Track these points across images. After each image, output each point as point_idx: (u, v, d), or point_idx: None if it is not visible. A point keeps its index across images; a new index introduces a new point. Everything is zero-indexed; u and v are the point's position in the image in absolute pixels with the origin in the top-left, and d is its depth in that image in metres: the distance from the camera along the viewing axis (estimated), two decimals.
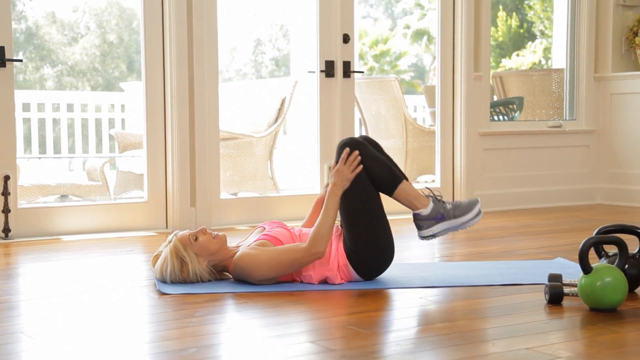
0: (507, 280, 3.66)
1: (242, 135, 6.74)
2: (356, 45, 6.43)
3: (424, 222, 3.71)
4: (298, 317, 3.09)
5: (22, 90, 11.15)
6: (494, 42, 23.38)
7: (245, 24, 21.98)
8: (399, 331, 2.87)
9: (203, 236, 3.57)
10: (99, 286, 3.64)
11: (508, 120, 7.53)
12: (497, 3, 23.12)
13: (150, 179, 5.47)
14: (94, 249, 4.74)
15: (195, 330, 2.86)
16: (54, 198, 7.16)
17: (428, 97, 8.69)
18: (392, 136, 7.64)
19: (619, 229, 3.52)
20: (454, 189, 6.55)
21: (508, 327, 2.89)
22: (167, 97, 5.43)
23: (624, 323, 2.93)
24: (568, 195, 7.03)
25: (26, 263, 4.33)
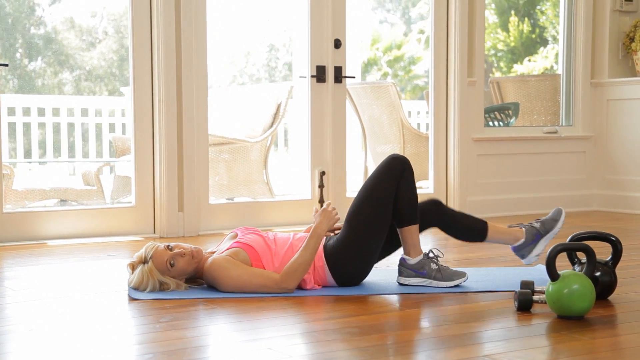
0: (481, 287, 3.64)
1: (237, 140, 6.74)
2: (370, 51, 6.42)
3: (525, 249, 3.78)
4: (263, 323, 3.08)
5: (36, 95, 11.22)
6: (506, 47, 23.33)
7: (259, 29, 22.02)
8: (360, 338, 2.85)
9: (181, 260, 3.52)
10: (71, 291, 3.64)
11: (504, 126, 7.50)
12: (509, 8, 23.05)
13: (138, 183, 5.48)
14: (77, 254, 4.75)
15: (156, 336, 2.86)
16: (53, 202, 7.18)
17: (429, 102, 8.66)
18: (389, 141, 7.62)
19: (593, 236, 3.50)
20: (447, 194, 6.53)
21: (470, 334, 2.88)
22: (155, 102, 5.43)
23: (588, 331, 2.91)
24: (564, 201, 6.99)
25: (5, 268, 4.34)
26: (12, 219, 5.17)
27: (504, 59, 13.40)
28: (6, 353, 2.63)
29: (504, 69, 13.20)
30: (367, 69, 17.57)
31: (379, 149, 7.75)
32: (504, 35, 13.20)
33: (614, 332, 2.95)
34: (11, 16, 12.37)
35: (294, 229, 5.57)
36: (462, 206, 6.47)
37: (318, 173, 6.00)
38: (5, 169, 6.64)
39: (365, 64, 17.40)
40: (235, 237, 3.74)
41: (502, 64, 13.61)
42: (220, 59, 13.47)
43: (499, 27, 13.31)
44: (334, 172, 6.03)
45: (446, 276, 3.66)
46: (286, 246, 3.62)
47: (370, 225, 3.59)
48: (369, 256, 3.62)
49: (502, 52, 13.21)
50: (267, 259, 3.57)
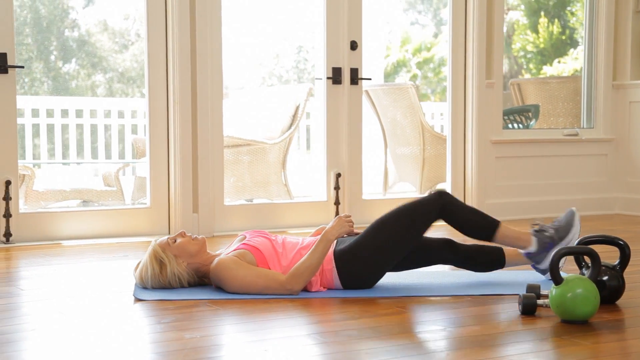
0: (487, 291, 3.61)
1: (255, 141, 6.75)
2: (399, 53, 6.41)
3: (537, 257, 3.74)
4: (264, 324, 3.07)
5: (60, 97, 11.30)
6: (535, 49, 23.22)
7: (288, 31, 22.08)
8: (357, 341, 2.83)
9: (182, 238, 3.60)
10: (76, 292, 3.65)
11: (524, 128, 7.45)
12: (538, 9, 22.94)
13: (153, 184, 5.50)
14: (90, 254, 4.77)
15: (156, 337, 2.86)
16: (76, 203, 7.23)
17: (447, 104, 8.62)
18: (409, 143, 7.60)
19: (601, 239, 3.47)
20: (465, 196, 6.49)
21: (471, 337, 2.86)
22: (170, 104, 5.45)
23: (591, 335, 2.87)
24: (584, 204, 6.93)
25: (18, 268, 4.37)
26: (28, 219, 5.21)
27: (533, 60, 13.30)
28: (6, 352, 2.64)
29: (533, 71, 13.12)
30: (396, 70, 17.53)
31: (399, 150, 7.73)
32: (533, 37, 13.11)
33: (617, 337, 2.91)
34: (46, 19, 12.48)
35: (309, 230, 5.56)
36: (481, 208, 6.39)
37: (334, 175, 5.99)
38: (25, 169, 6.71)
39: (394, 65, 17.37)
40: (243, 240, 3.75)
41: (532, 65, 13.53)
42: (249, 60, 13.49)
43: (528, 28, 13.23)
44: (349, 174, 6.01)
45: (566, 228, 3.70)
46: (295, 250, 3.62)
47: (392, 243, 3.61)
48: (381, 268, 3.62)
49: (532, 53, 13.12)
50: (273, 262, 3.57)
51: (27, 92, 12.22)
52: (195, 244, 3.60)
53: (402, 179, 7.77)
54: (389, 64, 17.51)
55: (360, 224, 5.99)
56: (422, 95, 16.16)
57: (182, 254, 3.57)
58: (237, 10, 5.23)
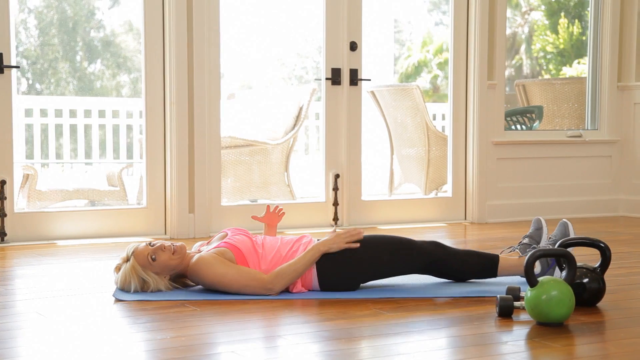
0: (470, 293, 3.59)
1: (257, 142, 6.75)
2: (420, 54, 6.39)
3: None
4: (237, 325, 3.07)
5: (65, 97, 11.35)
6: (555, 50, 23.12)
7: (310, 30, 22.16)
8: (328, 342, 2.83)
9: (162, 254, 3.53)
10: (59, 291, 3.67)
11: (527, 129, 7.41)
12: (558, 10, 22.85)
13: (149, 185, 5.51)
14: (83, 254, 4.79)
15: (130, 338, 2.87)
16: (83, 203, 7.26)
17: (448, 105, 8.59)
18: (414, 144, 7.58)
19: (583, 242, 3.44)
20: (466, 198, 6.47)
21: (441, 339, 2.84)
22: (166, 103, 5.46)
23: (562, 338, 2.86)
24: (588, 206, 6.88)
25: (7, 268, 4.39)
26: (23, 219, 5.23)
27: (553, 61, 13.22)
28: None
29: (552, 72, 13.05)
30: (417, 71, 17.49)
31: (404, 151, 7.71)
32: (553, 38, 13.03)
33: (589, 340, 2.89)
34: (72, 20, 12.55)
35: (307, 231, 5.56)
36: (481, 210, 6.41)
37: (332, 176, 5.98)
38: (28, 169, 6.74)
39: (415, 66, 17.33)
40: (224, 237, 3.75)
41: (551, 66, 13.46)
42: (270, 60, 13.51)
43: (548, 29, 13.16)
44: (348, 175, 6.00)
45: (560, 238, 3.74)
46: (274, 250, 3.61)
47: (374, 266, 3.61)
48: (358, 282, 3.63)
49: (552, 54, 13.05)
50: (253, 261, 3.57)
51: (53, 93, 12.30)
52: (177, 258, 3.55)
53: (408, 180, 7.75)
54: (410, 65, 17.48)
55: (359, 225, 6.02)
56: (441, 95, 16.14)
57: (163, 271, 3.55)
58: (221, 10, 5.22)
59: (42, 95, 11.85)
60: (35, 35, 12.50)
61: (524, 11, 14.10)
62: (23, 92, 12.34)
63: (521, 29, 15.64)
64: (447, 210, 6.45)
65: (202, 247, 3.76)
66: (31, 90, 12.59)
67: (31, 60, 12.55)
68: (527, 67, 14.62)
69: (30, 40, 12.59)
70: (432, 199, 6.66)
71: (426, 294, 3.59)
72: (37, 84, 12.86)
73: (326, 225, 5.95)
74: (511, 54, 16.26)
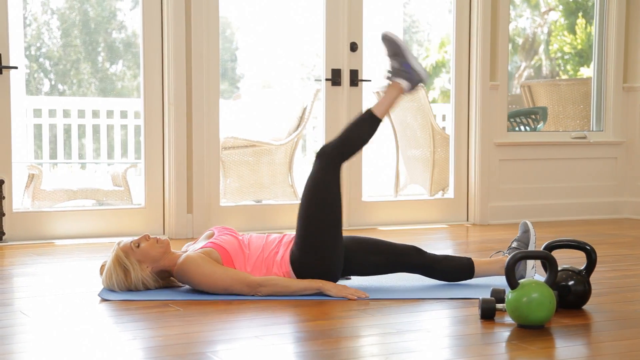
0: (454, 294, 3.57)
1: (261, 142, 6.76)
2: (438, 54, 6.36)
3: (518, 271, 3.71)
4: (217, 325, 3.07)
5: (75, 98, 11.40)
6: (573, 50, 23.04)
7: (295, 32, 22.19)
8: (303, 343, 2.82)
9: (145, 242, 3.57)
10: (46, 291, 3.68)
11: (531, 130, 7.38)
12: (576, 10, 22.77)
13: (148, 185, 5.53)
14: (80, 254, 4.81)
15: (108, 337, 2.88)
16: (91, 203, 7.29)
17: (450, 106, 8.55)
18: (419, 145, 7.56)
19: (568, 244, 3.43)
20: (467, 199, 6.45)
21: (418, 341, 2.83)
22: (165, 104, 5.48)
23: (540, 340, 2.84)
24: (593, 208, 6.84)
25: (1, 267, 4.42)
26: (22, 218, 5.26)
27: (570, 62, 13.15)
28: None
29: (570, 72, 12.98)
30: (436, 71, 17.44)
31: (410, 152, 7.69)
32: (570, 38, 12.96)
33: (567, 343, 2.87)
34: (94, 20, 12.61)
35: None
36: (483, 212, 6.39)
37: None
38: (33, 169, 6.78)
39: (433, 66, 17.28)
40: (211, 237, 3.75)
41: (569, 67, 13.38)
42: (289, 60, 13.51)
43: (565, 29, 13.08)
44: (348, 176, 5.99)
45: (525, 236, 3.80)
46: (259, 250, 3.62)
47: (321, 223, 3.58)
48: (330, 254, 3.58)
49: (569, 55, 12.98)
50: (239, 261, 3.57)
51: (74, 94, 12.37)
52: (159, 248, 3.57)
53: (413, 181, 7.73)
54: (428, 65, 17.46)
55: (359, 227, 6.02)
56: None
57: (145, 259, 3.56)
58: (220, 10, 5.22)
59: (51, 96, 11.90)
60: (58, 37, 12.57)
61: (543, 11, 14.04)
62: (46, 92, 12.42)
63: (540, 29, 15.56)
64: (448, 211, 6.43)
65: (189, 247, 3.76)
66: (54, 91, 12.67)
67: (53, 61, 12.63)
68: (547, 68, 14.55)
69: (53, 42, 12.66)
70: (433, 200, 6.65)
71: (411, 295, 3.57)
72: (59, 84, 12.93)
73: None
74: (530, 54, 16.18)
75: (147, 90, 5.49)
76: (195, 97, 5.51)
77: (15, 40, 8.01)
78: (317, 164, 3.64)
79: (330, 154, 3.64)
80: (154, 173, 5.53)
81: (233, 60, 17.21)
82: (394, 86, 3.74)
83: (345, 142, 3.68)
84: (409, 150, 7.72)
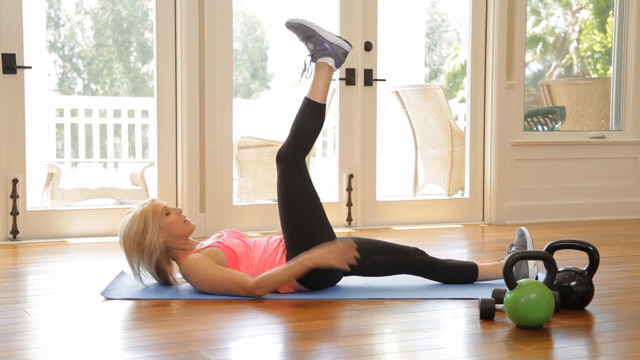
0: (454, 295, 3.56)
1: (276, 142, 6.76)
2: (466, 53, 6.33)
3: (520, 272, 3.69)
4: (214, 325, 3.08)
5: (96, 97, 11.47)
6: (603, 49, 22.88)
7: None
8: (299, 342, 2.83)
9: (175, 216, 3.61)
10: (52, 289, 3.71)
11: (549, 130, 7.33)
12: (607, 8, 22.61)
13: (160, 184, 5.56)
14: (91, 252, 4.84)
15: (104, 335, 2.90)
16: (112, 202, 7.33)
17: (467, 105, 8.52)
18: (437, 145, 7.54)
19: (570, 244, 3.41)
20: (483, 199, 6.42)
21: (414, 341, 2.83)
22: (178, 103, 5.51)
23: (536, 341, 2.82)
24: (611, 208, 6.79)
25: (14, 265, 4.45)
26: (35, 217, 5.30)
27: (600, 60, 13.05)
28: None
29: (600, 71, 12.88)
30: (464, 70, 17.32)
31: (429, 152, 7.68)
32: (600, 37, 12.86)
33: (563, 344, 2.86)
34: (126, 20, 12.70)
35: None
36: (499, 211, 6.36)
37: (346, 176, 5.98)
38: (52, 167, 6.83)
39: (462, 65, 17.22)
40: (219, 237, 3.76)
41: (599, 65, 13.27)
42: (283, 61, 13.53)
43: (595, 28, 12.98)
44: (362, 176, 5.99)
45: (521, 240, 3.75)
46: (260, 251, 3.63)
47: (302, 220, 3.58)
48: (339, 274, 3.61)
49: (599, 53, 12.87)
50: (245, 264, 3.58)
51: (107, 93, 12.47)
52: (183, 228, 3.61)
53: (432, 180, 7.71)
54: (457, 64, 17.41)
55: (373, 226, 6.01)
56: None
57: (166, 229, 3.58)
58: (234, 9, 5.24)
59: (84, 96, 11.99)
60: (91, 37, 12.68)
61: (574, 10, 13.92)
62: (79, 92, 12.53)
63: (571, 27, 15.43)
64: (464, 211, 6.41)
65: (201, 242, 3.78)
66: (86, 91, 12.78)
67: (87, 61, 12.74)
68: (578, 67, 14.44)
69: (86, 41, 12.77)
70: (449, 200, 6.63)
71: (413, 295, 3.57)
72: (92, 84, 13.03)
73: (340, 225, 5.94)
74: (561, 53, 16.06)
75: (161, 90, 5.51)
76: (208, 96, 5.53)
77: (39, 40, 8.09)
78: (278, 169, 3.68)
79: (286, 155, 3.67)
80: (167, 172, 5.56)
81: (264, 59, 17.22)
82: (322, 67, 3.73)
83: (298, 137, 3.69)
84: (427, 150, 7.70)
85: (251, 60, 18.95)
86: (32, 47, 7.48)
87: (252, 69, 18.92)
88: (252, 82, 18.31)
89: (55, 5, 11.78)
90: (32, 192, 5.38)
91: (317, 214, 3.60)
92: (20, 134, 5.20)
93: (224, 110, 5.61)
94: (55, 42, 12.16)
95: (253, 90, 15.10)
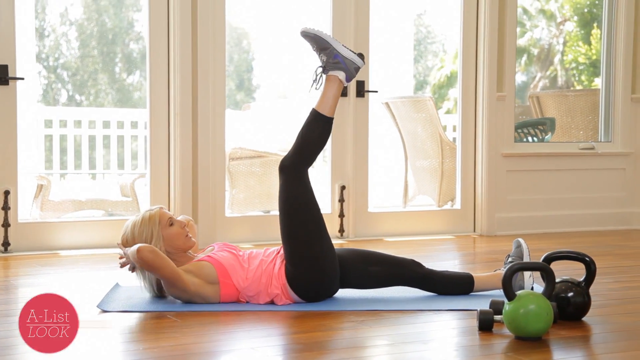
0: (452, 306, 3.56)
1: (268, 153, 6.77)
2: (453, 65, 6.35)
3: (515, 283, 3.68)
4: (211, 337, 3.07)
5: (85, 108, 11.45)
6: (587, 61, 22.97)
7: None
8: (297, 355, 2.82)
9: (178, 228, 3.62)
10: None
11: (539, 141, 7.36)
12: (591, 20, 22.70)
13: (153, 195, 5.55)
14: (83, 265, 4.82)
15: (102, 347, 2.88)
16: (101, 213, 7.31)
17: (457, 116, 8.54)
18: (428, 156, 7.55)
19: (567, 255, 3.42)
20: (475, 210, 6.43)
21: (412, 353, 2.83)
22: (170, 114, 5.50)
23: (537, 352, 2.83)
24: (601, 219, 6.81)
25: (4, 278, 4.43)
26: (27, 229, 5.28)
27: (585, 72, 13.11)
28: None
29: (585, 83, 12.93)
30: (450, 82, 17.40)
31: (419, 163, 7.69)
32: (585, 49, 12.92)
33: (563, 355, 2.86)
34: (112, 31, 12.68)
35: None
36: (490, 222, 6.37)
37: (338, 187, 5.98)
38: (41, 179, 6.80)
39: (447, 77, 17.26)
40: (211, 251, 3.75)
41: (583, 77, 13.33)
42: (302, 71, 13.54)
43: (580, 39, 13.04)
44: (354, 187, 6.00)
45: (518, 251, 3.75)
46: (257, 262, 3.62)
47: (302, 230, 3.58)
48: (321, 263, 3.57)
49: (584, 65, 12.93)
50: (237, 276, 3.56)
51: (91, 104, 12.43)
52: (184, 242, 3.62)
53: (422, 191, 7.72)
54: (442, 76, 17.44)
55: (365, 237, 6.01)
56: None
57: (167, 240, 3.60)
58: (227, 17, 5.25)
59: (69, 107, 11.95)
60: (76, 47, 12.65)
61: (559, 22, 13.99)
62: (63, 103, 12.49)
63: (556, 39, 15.49)
64: (455, 222, 6.42)
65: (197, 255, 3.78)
66: (71, 101, 12.74)
67: (71, 72, 12.71)
68: (562, 78, 14.50)
69: (71, 52, 12.74)
70: (440, 211, 6.64)
71: (411, 306, 3.56)
72: (77, 95, 13.00)
73: (332, 236, 5.92)
74: (546, 64, 16.10)
75: (153, 101, 5.51)
76: (201, 107, 5.52)
77: (28, 52, 8.06)
78: (281, 178, 3.66)
79: (290, 165, 3.65)
80: (160, 183, 5.55)
81: (249, 70, 17.22)
82: (332, 80, 3.72)
83: (303, 149, 3.68)
84: (417, 161, 7.72)
85: (237, 72, 18.96)
86: (22, 59, 7.45)
87: (237, 80, 18.93)
88: (237, 93, 18.31)
89: (40, 16, 11.75)
90: (21, 204, 5.35)
91: (318, 224, 3.60)
92: (12, 146, 5.18)
93: (217, 122, 5.60)
94: (40, 53, 12.12)
95: (239, 101, 15.08)
